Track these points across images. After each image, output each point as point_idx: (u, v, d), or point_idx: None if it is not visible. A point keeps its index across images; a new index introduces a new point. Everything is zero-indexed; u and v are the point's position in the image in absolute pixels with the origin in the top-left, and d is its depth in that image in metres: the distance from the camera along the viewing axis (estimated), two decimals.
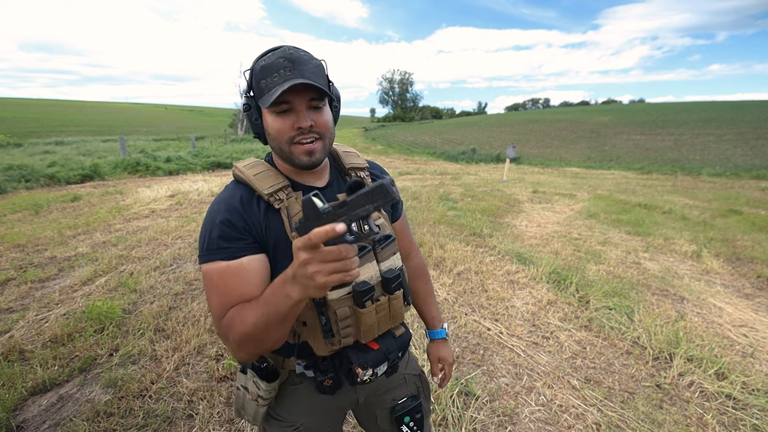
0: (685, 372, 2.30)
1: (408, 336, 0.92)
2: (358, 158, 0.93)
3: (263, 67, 0.73)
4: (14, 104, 68.91)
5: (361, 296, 0.78)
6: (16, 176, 7.94)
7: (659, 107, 41.73)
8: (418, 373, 1.05)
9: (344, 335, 0.79)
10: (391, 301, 0.84)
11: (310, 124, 0.74)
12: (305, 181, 0.84)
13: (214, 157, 12.67)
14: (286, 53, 0.73)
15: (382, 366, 0.84)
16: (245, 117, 0.80)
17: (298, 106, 0.73)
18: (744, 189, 10.59)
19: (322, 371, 0.83)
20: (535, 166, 17.04)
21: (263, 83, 0.73)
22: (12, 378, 2.08)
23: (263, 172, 0.80)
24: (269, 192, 0.77)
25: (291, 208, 0.78)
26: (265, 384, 0.85)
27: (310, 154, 0.76)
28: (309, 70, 0.73)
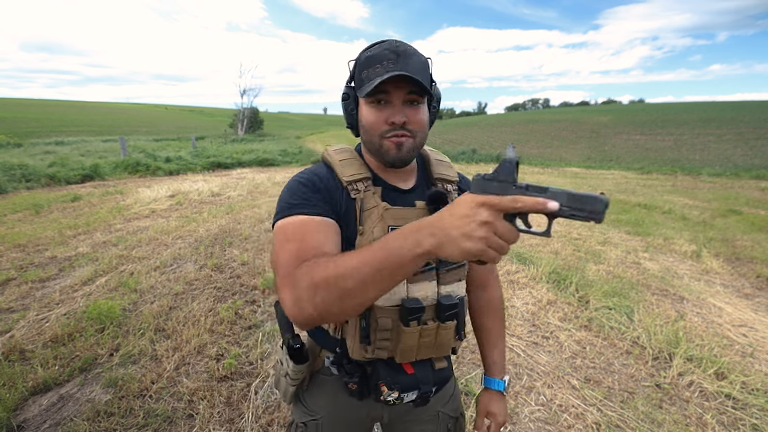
0: (684, 372, 2.31)
1: (448, 373, 0.86)
2: (450, 169, 0.87)
3: (368, 57, 0.71)
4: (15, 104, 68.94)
5: (408, 313, 0.73)
6: (16, 176, 7.94)
7: (659, 107, 41.72)
8: (457, 416, 0.95)
9: (380, 347, 0.75)
10: (439, 329, 0.77)
11: (404, 121, 0.71)
12: (389, 179, 0.81)
13: (214, 157, 12.68)
14: (393, 45, 0.71)
15: (411, 393, 0.78)
16: (342, 106, 0.78)
17: (395, 100, 0.71)
18: (744, 189, 10.60)
19: (348, 373, 0.80)
20: (535, 167, 17.05)
21: (365, 74, 0.71)
22: (13, 378, 2.09)
23: (349, 160, 0.79)
24: (349, 180, 0.75)
25: (366, 201, 0.75)
26: (293, 364, 0.84)
27: (399, 147, 0.73)
28: (413, 64, 0.70)
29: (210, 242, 4.43)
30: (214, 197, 7.18)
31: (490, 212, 0.48)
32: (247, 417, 1.90)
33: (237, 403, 2.00)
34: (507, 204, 0.47)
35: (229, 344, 2.49)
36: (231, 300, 3.08)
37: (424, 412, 0.91)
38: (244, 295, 3.17)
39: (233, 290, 3.27)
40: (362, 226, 0.74)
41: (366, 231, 0.73)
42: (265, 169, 12.51)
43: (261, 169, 12.42)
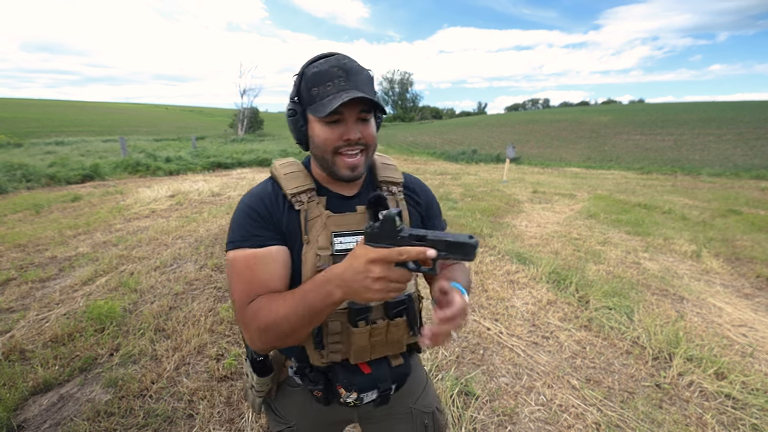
0: (684, 372, 2.31)
1: (406, 369, 0.86)
2: (396, 172, 0.89)
3: (315, 74, 0.72)
4: (15, 104, 68.94)
5: (355, 314, 0.76)
6: (16, 176, 7.94)
7: (659, 107, 41.73)
8: (431, 411, 0.97)
9: (333, 350, 0.78)
10: (390, 326, 0.80)
11: (359, 137, 0.74)
12: (334, 188, 0.84)
13: (215, 158, 12.68)
14: (340, 62, 0.72)
15: (371, 393, 0.80)
16: (289, 122, 0.79)
17: (349, 118, 0.73)
18: (744, 189, 10.60)
19: (312, 381, 0.82)
20: (535, 166, 17.05)
21: (315, 91, 0.72)
22: (13, 378, 2.09)
23: (293, 173, 0.81)
24: (292, 192, 0.78)
25: (310, 211, 0.78)
26: (257, 377, 0.87)
27: (353, 168, 0.76)
28: (362, 82, 0.73)
29: (210, 242, 4.43)
30: (215, 197, 7.18)
31: (382, 267, 0.58)
32: (247, 417, 1.90)
33: (237, 403, 2.00)
34: (395, 257, 0.57)
35: (229, 344, 2.49)
36: (231, 300, 3.08)
37: (395, 410, 0.93)
38: None
39: None
40: (307, 236, 0.77)
41: (311, 240, 0.77)
42: (265, 169, 12.50)
43: (261, 169, 12.42)
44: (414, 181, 0.94)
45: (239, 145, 19.77)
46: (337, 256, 0.77)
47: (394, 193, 0.87)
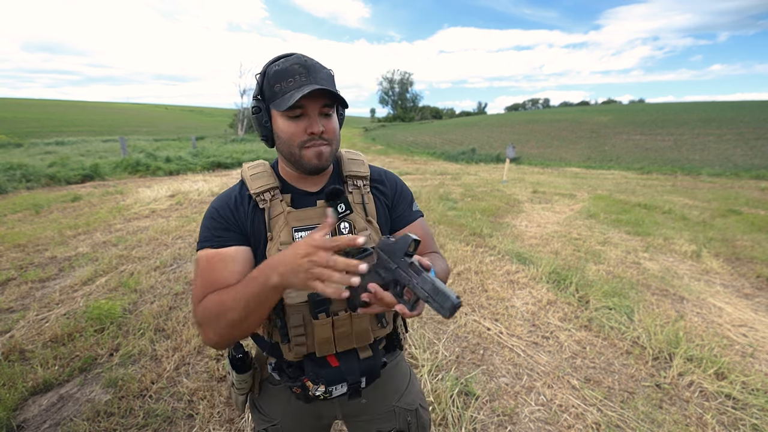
0: (684, 372, 2.31)
1: (376, 361, 0.85)
2: (362, 166, 0.91)
3: (277, 72, 0.74)
4: (15, 104, 68.91)
5: (314, 306, 0.76)
6: (16, 176, 7.94)
7: (659, 107, 41.72)
8: (415, 408, 0.97)
9: (297, 343, 0.79)
10: (353, 318, 0.80)
11: (322, 130, 0.75)
12: (300, 185, 0.86)
13: (214, 157, 12.67)
14: (300, 60, 0.75)
15: (340, 386, 0.81)
16: (254, 119, 0.81)
17: (311, 112, 0.75)
18: (744, 189, 10.59)
19: (290, 377, 0.83)
20: (534, 166, 17.04)
21: (277, 87, 0.74)
22: (12, 378, 2.08)
23: (259, 173, 0.84)
24: (256, 192, 0.81)
25: (273, 209, 0.80)
26: (236, 374, 0.88)
27: (319, 156, 0.77)
28: (322, 78, 0.75)
29: None
30: (214, 197, 7.18)
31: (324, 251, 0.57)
32: (247, 417, 1.90)
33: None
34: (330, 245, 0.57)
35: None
36: None
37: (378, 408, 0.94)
38: None
39: None
40: (271, 233, 0.79)
41: (274, 236, 0.79)
42: None
43: None
44: (380, 173, 0.95)
45: (239, 145, 19.76)
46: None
47: (359, 187, 0.88)
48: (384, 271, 0.65)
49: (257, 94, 0.79)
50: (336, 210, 0.79)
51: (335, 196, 0.80)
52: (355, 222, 0.83)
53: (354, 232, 0.81)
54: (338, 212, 0.79)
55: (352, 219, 0.83)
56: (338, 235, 0.78)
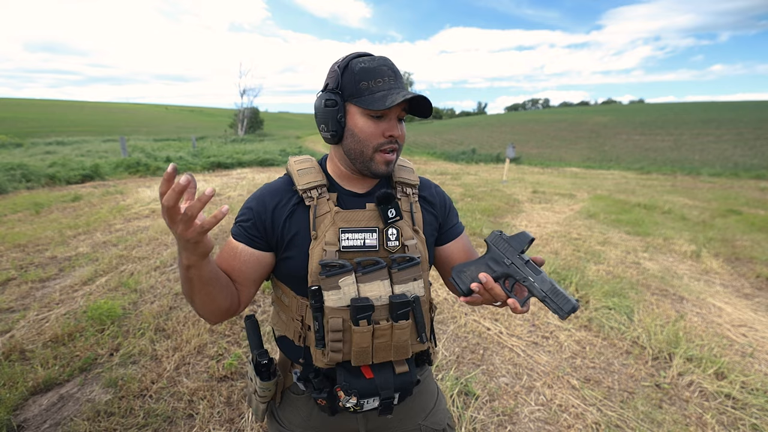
0: (684, 372, 2.31)
1: (411, 378, 0.80)
2: (412, 174, 0.89)
3: (364, 69, 0.73)
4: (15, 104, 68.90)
5: (356, 312, 0.74)
6: (17, 176, 7.94)
7: (659, 107, 41.72)
8: (442, 428, 0.93)
9: (333, 349, 0.75)
10: (394, 329, 0.76)
11: (399, 134, 0.76)
12: (348, 185, 0.84)
13: (215, 157, 12.67)
14: (387, 62, 0.75)
15: (372, 400, 0.77)
16: (325, 112, 0.76)
17: (392, 115, 0.75)
18: (743, 189, 10.60)
19: (316, 388, 0.80)
20: (534, 167, 17.04)
21: (364, 85, 0.73)
22: (13, 377, 2.09)
23: (307, 169, 0.82)
24: (303, 188, 0.79)
25: (319, 207, 0.79)
26: (260, 381, 0.85)
27: (388, 164, 0.77)
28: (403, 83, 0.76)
29: None
30: (214, 197, 7.18)
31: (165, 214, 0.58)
32: (247, 417, 1.90)
33: (237, 403, 2.00)
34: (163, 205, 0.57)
35: (230, 344, 2.49)
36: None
37: (404, 426, 0.90)
38: None
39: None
40: (315, 231, 0.77)
41: (319, 235, 0.77)
42: (265, 169, 12.50)
43: (261, 169, 12.42)
44: (429, 185, 0.94)
45: (239, 145, 19.77)
46: (343, 252, 0.77)
47: (408, 195, 0.86)
48: (496, 264, 0.65)
49: (335, 87, 0.76)
50: (386, 214, 0.78)
51: (387, 200, 0.78)
52: (403, 229, 0.81)
53: (401, 240, 0.80)
54: (388, 217, 0.78)
55: (400, 225, 0.81)
56: (386, 241, 0.79)
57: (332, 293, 0.74)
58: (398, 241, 0.79)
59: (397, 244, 0.79)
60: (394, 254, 0.78)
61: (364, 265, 0.76)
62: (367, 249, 0.78)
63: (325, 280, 0.74)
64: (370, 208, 0.80)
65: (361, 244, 0.77)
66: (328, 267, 0.74)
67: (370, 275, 0.76)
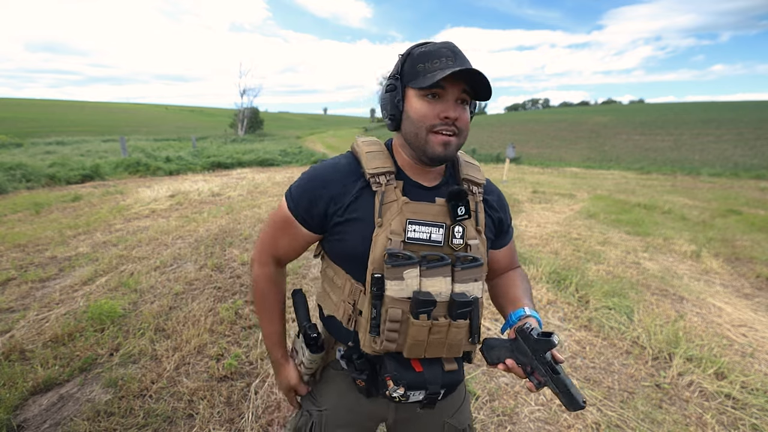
0: (684, 372, 2.31)
1: (458, 376, 0.82)
2: (479, 173, 0.87)
3: (424, 52, 0.73)
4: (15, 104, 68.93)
5: (417, 305, 0.73)
6: (17, 176, 7.94)
7: (659, 107, 41.75)
8: (464, 428, 0.93)
9: (389, 338, 0.74)
10: (451, 327, 0.75)
11: (457, 116, 0.73)
12: (414, 176, 0.82)
13: (215, 157, 12.68)
14: (450, 45, 0.74)
15: (418, 393, 0.77)
16: (386, 98, 0.78)
17: (449, 96, 0.73)
18: (743, 189, 10.60)
19: (358, 369, 0.80)
20: (534, 166, 17.05)
21: (421, 67, 0.72)
22: (13, 377, 2.09)
23: (375, 152, 0.80)
24: (372, 172, 0.77)
25: (387, 194, 0.77)
26: (309, 353, 0.87)
27: (445, 145, 0.74)
28: (469, 63, 0.73)
29: (210, 242, 4.43)
30: (214, 197, 7.18)
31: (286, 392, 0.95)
32: (247, 417, 1.90)
33: (237, 403, 2.00)
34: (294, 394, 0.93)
35: (230, 344, 2.49)
36: (231, 300, 3.08)
37: (429, 420, 0.91)
38: (244, 295, 3.17)
39: (233, 290, 3.27)
40: (381, 219, 0.76)
41: (384, 223, 0.76)
42: (265, 169, 12.51)
43: (261, 169, 12.42)
44: (494, 189, 0.93)
45: (239, 145, 19.77)
46: (408, 243, 0.75)
47: (474, 194, 0.84)
48: (522, 356, 0.73)
49: (396, 73, 0.77)
50: (455, 211, 0.77)
51: (458, 197, 0.77)
52: (468, 228, 0.79)
53: (465, 239, 0.79)
54: (457, 214, 0.77)
55: (465, 224, 0.79)
56: (451, 238, 0.78)
57: (395, 283, 0.73)
58: (462, 240, 0.78)
59: (461, 242, 0.78)
60: (458, 252, 0.78)
61: (429, 259, 0.74)
62: (432, 244, 0.77)
63: (390, 269, 0.72)
64: (440, 203, 0.79)
65: (426, 238, 0.76)
66: (395, 257, 0.72)
67: (434, 270, 0.74)
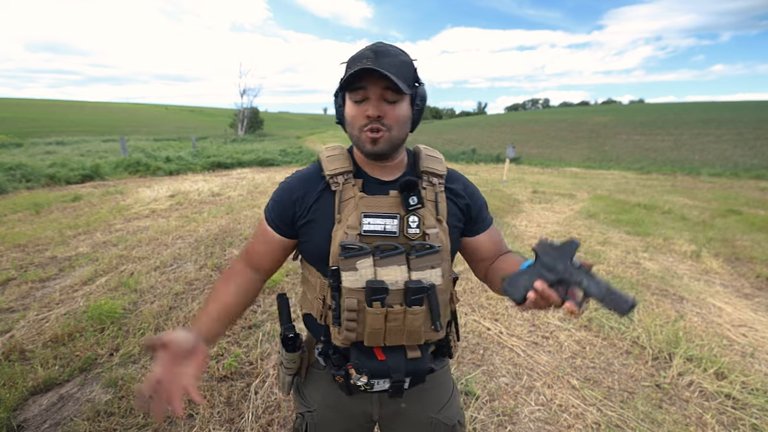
0: (684, 372, 2.31)
1: (423, 365, 0.83)
2: (440, 164, 0.89)
3: (352, 57, 0.78)
4: (15, 104, 68.91)
5: (370, 293, 0.76)
6: (16, 176, 7.94)
7: (659, 107, 41.76)
8: (453, 424, 0.94)
9: (348, 328, 0.78)
10: (407, 314, 0.78)
11: (378, 114, 0.75)
12: (373, 172, 0.87)
13: (215, 157, 12.67)
14: (374, 46, 0.77)
15: (382, 381, 0.80)
16: (334, 103, 0.85)
17: (372, 95, 0.75)
18: (743, 189, 10.60)
19: (335, 364, 0.84)
20: (534, 167, 17.04)
21: (348, 72, 0.76)
22: (13, 377, 2.09)
23: (335, 155, 0.86)
24: (330, 173, 0.83)
25: (344, 192, 0.82)
26: (285, 353, 0.91)
27: (374, 142, 0.78)
28: (390, 63, 0.73)
29: (210, 242, 4.43)
30: (214, 197, 7.18)
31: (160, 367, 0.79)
32: (247, 417, 1.90)
33: (237, 403, 2.00)
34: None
35: (229, 344, 2.49)
36: None
37: (415, 417, 0.93)
38: None
39: None
40: (340, 215, 0.81)
41: (343, 219, 0.81)
42: (265, 169, 12.50)
43: (261, 169, 12.42)
44: (459, 178, 0.94)
45: (239, 145, 19.77)
46: (364, 236, 0.79)
47: (434, 184, 0.87)
48: (549, 272, 0.67)
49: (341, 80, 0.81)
50: (407, 201, 0.80)
51: (409, 187, 0.80)
52: (425, 218, 0.82)
53: (422, 227, 0.81)
54: (409, 204, 0.80)
55: (422, 214, 0.82)
56: (406, 228, 0.80)
57: (349, 274, 0.77)
58: (419, 229, 0.80)
59: (417, 231, 0.80)
60: (414, 241, 0.80)
61: (382, 249, 0.78)
62: (387, 234, 0.80)
63: (343, 261, 0.77)
64: (393, 195, 0.82)
65: (381, 229, 0.80)
66: (347, 248, 0.77)
67: (388, 260, 0.78)
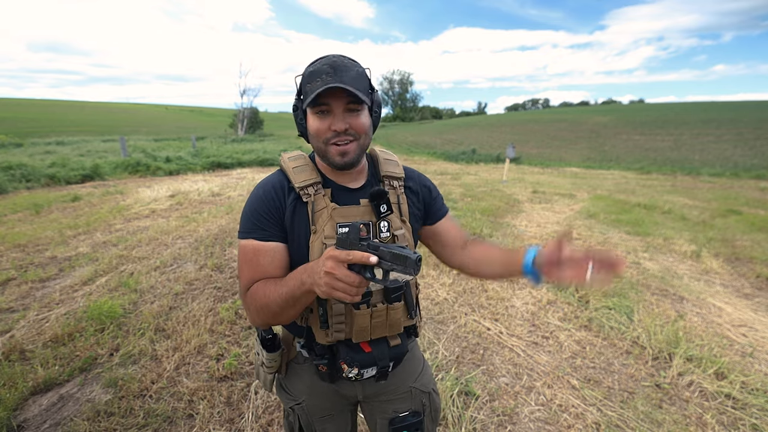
0: (684, 372, 2.31)
1: (402, 348, 0.93)
2: (397, 167, 0.96)
3: (310, 72, 0.79)
4: (16, 104, 68.92)
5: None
6: (16, 176, 7.94)
7: (659, 107, 41.76)
8: (429, 390, 1.04)
9: (336, 330, 0.85)
10: (389, 310, 0.87)
11: (345, 127, 0.79)
12: (339, 180, 0.90)
13: (214, 157, 12.67)
14: (330, 60, 0.79)
15: (370, 369, 0.88)
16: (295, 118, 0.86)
17: (336, 109, 0.78)
18: (743, 189, 10.59)
19: (318, 355, 0.89)
20: (534, 167, 17.04)
21: (308, 87, 0.79)
22: (13, 377, 2.09)
23: (301, 166, 0.88)
24: (300, 185, 0.85)
25: (317, 203, 0.85)
26: (266, 353, 0.95)
27: (343, 154, 0.81)
28: (350, 77, 0.77)
29: (210, 242, 4.43)
30: (214, 197, 7.18)
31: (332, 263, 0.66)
32: (247, 417, 1.90)
33: (237, 403, 2.00)
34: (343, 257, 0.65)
35: (229, 344, 2.49)
36: (231, 300, 3.08)
37: (397, 389, 1.00)
38: None
39: (233, 290, 3.27)
40: (314, 226, 0.84)
41: (318, 230, 0.84)
42: (265, 169, 12.50)
43: (261, 169, 12.42)
44: (412, 174, 1.01)
45: (239, 145, 19.76)
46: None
47: (395, 188, 0.93)
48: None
49: (297, 94, 0.84)
50: (379, 210, 0.86)
51: (379, 197, 0.85)
52: (392, 222, 0.89)
53: (391, 231, 0.88)
54: (380, 212, 0.86)
55: (390, 219, 0.89)
56: (378, 233, 0.87)
57: None
58: (389, 232, 0.88)
59: (388, 234, 0.88)
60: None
61: None
62: None
63: None
64: (364, 204, 0.87)
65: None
66: None
67: None
